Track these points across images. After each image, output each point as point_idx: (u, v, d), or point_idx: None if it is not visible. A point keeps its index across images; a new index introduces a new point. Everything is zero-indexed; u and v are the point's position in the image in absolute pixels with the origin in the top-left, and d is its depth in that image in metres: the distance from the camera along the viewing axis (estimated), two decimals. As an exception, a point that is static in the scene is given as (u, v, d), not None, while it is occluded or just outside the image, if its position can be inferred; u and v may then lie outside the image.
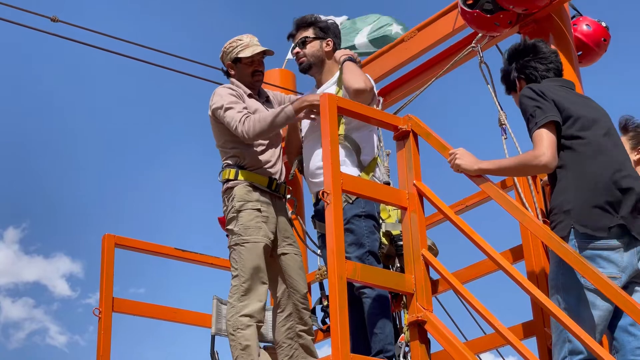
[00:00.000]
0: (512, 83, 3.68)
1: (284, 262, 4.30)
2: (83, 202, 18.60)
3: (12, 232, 19.59)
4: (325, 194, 3.43)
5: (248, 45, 4.38)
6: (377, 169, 4.23)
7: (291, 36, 4.53)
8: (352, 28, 6.46)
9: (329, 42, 4.44)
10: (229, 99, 4.28)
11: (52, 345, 18.79)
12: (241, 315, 4.02)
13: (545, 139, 3.27)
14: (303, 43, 4.43)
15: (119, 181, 18.42)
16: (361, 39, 6.33)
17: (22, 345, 18.74)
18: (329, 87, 4.34)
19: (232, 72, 4.46)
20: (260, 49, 4.37)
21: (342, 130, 4.23)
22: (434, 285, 4.49)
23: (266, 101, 4.56)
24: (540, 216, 3.92)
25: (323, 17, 4.52)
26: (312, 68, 4.43)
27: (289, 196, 4.51)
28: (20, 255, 19.48)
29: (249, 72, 4.42)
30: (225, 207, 4.30)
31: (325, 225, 3.44)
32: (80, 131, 18.37)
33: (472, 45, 4.58)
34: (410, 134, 3.77)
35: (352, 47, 6.32)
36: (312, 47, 4.42)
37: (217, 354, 4.96)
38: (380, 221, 4.30)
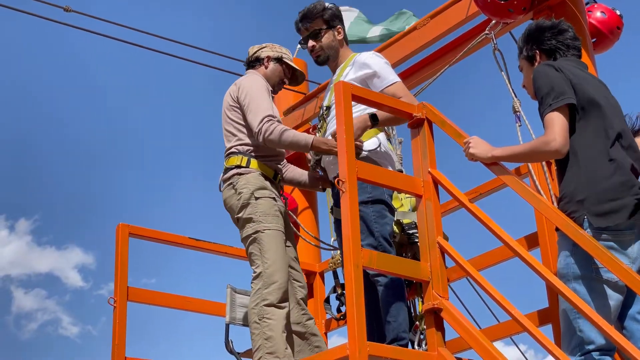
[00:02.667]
0: (531, 51, 3.57)
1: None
2: (95, 193, 18.63)
3: (23, 224, 19.67)
4: (340, 182, 3.43)
5: (291, 60, 4.54)
6: (367, 142, 4.12)
7: (299, 28, 4.48)
8: (366, 21, 6.41)
9: (339, 29, 4.42)
10: (263, 90, 4.29)
11: (65, 335, 18.89)
12: (266, 304, 3.94)
13: (557, 123, 3.22)
14: (316, 35, 4.39)
15: (130, 172, 18.44)
16: (375, 33, 6.27)
17: (34, 335, 18.83)
18: (345, 76, 4.30)
19: (268, 64, 4.48)
20: (297, 67, 4.53)
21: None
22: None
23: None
24: (555, 203, 3.90)
25: (327, 4, 4.47)
26: (329, 59, 4.41)
27: (280, 194, 4.49)
28: (33, 246, 19.55)
29: (279, 78, 4.50)
30: (230, 194, 4.21)
31: (341, 213, 3.44)
32: (90, 122, 18.40)
33: (486, 32, 4.56)
34: (425, 121, 3.76)
35: (363, 40, 6.26)
36: (327, 39, 4.39)
37: (232, 342, 4.97)
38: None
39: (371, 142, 4.10)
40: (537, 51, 3.55)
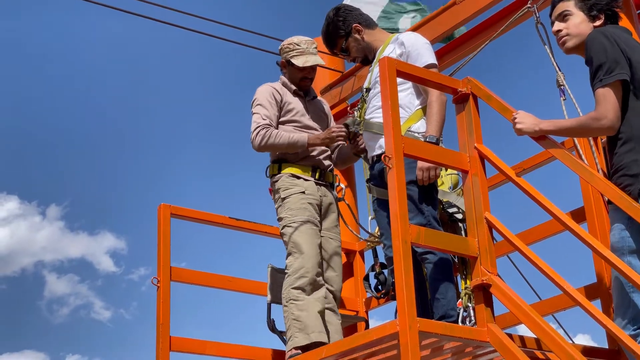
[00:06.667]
0: (600, 9, 3.45)
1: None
2: (126, 178, 18.75)
3: (54, 209, 19.84)
4: (387, 158, 3.40)
5: (303, 52, 4.55)
6: (416, 125, 4.15)
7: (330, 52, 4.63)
8: (397, 9, 6.34)
9: (356, 27, 4.43)
10: (264, 100, 4.51)
11: (97, 320, 19.07)
12: (293, 288, 4.24)
13: (609, 99, 3.15)
14: (347, 50, 4.48)
15: (162, 157, 18.50)
16: (405, 22, 6.20)
17: (66, 320, 19.04)
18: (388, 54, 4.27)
19: (284, 70, 4.66)
20: (312, 61, 4.53)
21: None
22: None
23: (312, 100, 4.73)
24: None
25: (331, 15, 4.47)
26: (367, 55, 4.46)
27: (337, 184, 4.70)
28: (66, 232, 19.73)
29: (298, 77, 4.62)
30: (274, 201, 4.53)
31: (388, 189, 3.41)
32: (119, 107, 18.47)
33: (528, 5, 4.49)
34: (470, 96, 3.72)
35: (395, 30, 6.19)
36: (354, 46, 4.45)
37: (274, 321, 4.99)
38: None
39: (420, 124, 4.11)
40: (604, 13, 3.44)
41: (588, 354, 3.60)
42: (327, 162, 4.60)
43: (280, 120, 4.56)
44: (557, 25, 3.54)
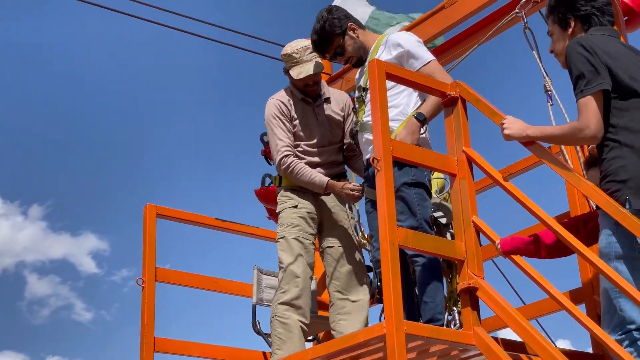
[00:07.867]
0: (564, 17, 3.45)
1: (327, 254, 4.56)
2: (109, 179, 18.67)
3: (36, 210, 19.72)
4: (375, 160, 3.41)
5: (297, 62, 4.50)
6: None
7: (322, 56, 4.54)
8: (385, 18, 6.34)
9: (351, 26, 4.41)
10: (275, 120, 4.53)
11: (78, 321, 18.97)
12: (279, 303, 4.34)
13: (591, 109, 3.14)
14: (341, 52, 4.42)
15: (146, 158, 18.44)
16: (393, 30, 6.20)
17: (47, 321, 18.92)
18: (378, 57, 4.27)
19: (289, 77, 4.61)
20: (306, 71, 4.47)
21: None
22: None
23: (325, 102, 4.69)
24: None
25: (324, 15, 4.43)
26: (362, 56, 4.41)
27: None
28: (48, 232, 19.60)
29: (301, 85, 4.58)
30: None
31: (376, 191, 3.42)
32: (102, 107, 18.39)
33: (516, 10, 4.51)
34: (459, 100, 3.73)
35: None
36: (349, 45, 4.40)
37: (259, 323, 4.99)
38: None
39: None
40: (572, 18, 3.44)
41: (573, 358, 3.61)
42: (332, 170, 4.61)
43: None
44: (550, 46, 3.58)
